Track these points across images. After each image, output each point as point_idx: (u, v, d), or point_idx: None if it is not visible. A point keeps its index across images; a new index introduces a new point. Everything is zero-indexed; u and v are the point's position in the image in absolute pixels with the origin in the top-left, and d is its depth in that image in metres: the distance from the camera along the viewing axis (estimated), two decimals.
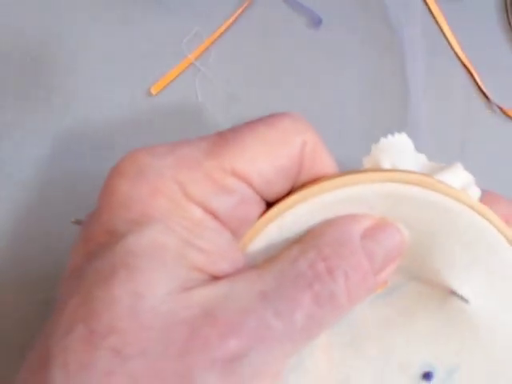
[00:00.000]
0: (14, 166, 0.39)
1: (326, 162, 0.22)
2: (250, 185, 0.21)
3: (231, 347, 0.18)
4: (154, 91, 0.40)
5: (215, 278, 0.20)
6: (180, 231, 0.20)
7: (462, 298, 0.21)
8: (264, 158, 0.21)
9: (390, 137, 0.23)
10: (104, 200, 0.20)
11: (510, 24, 0.42)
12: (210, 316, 0.19)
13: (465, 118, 0.41)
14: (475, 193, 0.22)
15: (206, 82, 0.40)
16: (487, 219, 0.21)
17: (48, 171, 0.39)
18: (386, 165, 0.22)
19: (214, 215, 0.20)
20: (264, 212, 0.22)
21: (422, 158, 0.23)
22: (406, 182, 0.21)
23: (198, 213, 0.20)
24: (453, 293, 0.21)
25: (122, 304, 0.18)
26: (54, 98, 0.39)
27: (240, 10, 0.41)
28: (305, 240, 0.21)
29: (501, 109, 0.41)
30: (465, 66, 0.41)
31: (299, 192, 0.22)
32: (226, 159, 0.20)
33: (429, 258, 0.22)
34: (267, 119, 0.21)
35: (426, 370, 0.22)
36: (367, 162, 0.23)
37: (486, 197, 0.22)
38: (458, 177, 0.22)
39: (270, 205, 0.22)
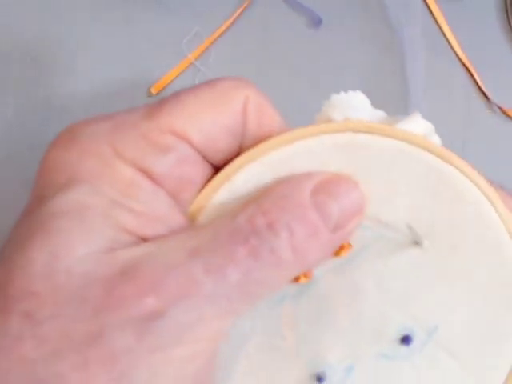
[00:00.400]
0: (14, 166, 0.39)
1: (273, 121, 0.21)
2: (190, 143, 0.20)
3: (149, 305, 0.17)
4: (154, 91, 0.40)
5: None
6: (108, 192, 0.19)
7: (420, 243, 0.20)
8: (203, 115, 0.20)
9: (342, 93, 0.22)
10: (38, 171, 0.20)
11: (510, 24, 0.42)
12: (129, 274, 0.17)
13: (465, 117, 0.41)
14: (436, 141, 0.21)
15: None
16: (449, 163, 0.20)
17: None
18: (338, 118, 0.21)
19: (149, 175, 0.19)
20: (212, 176, 0.21)
21: (379, 113, 0.22)
22: (357, 130, 0.20)
23: (129, 173, 0.19)
24: (417, 243, 0.20)
25: (36, 266, 0.17)
26: (54, 98, 0.39)
27: (240, 10, 0.41)
28: (250, 199, 0.20)
29: (501, 109, 0.41)
30: (465, 65, 0.41)
31: (246, 152, 0.20)
32: (162, 119, 0.20)
33: (393, 210, 0.20)
34: (207, 81, 0.21)
35: (404, 333, 0.20)
36: (318, 119, 0.22)
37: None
38: (418, 126, 0.21)
39: (218, 170, 0.21)
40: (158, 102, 0.20)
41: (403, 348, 0.20)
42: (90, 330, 0.17)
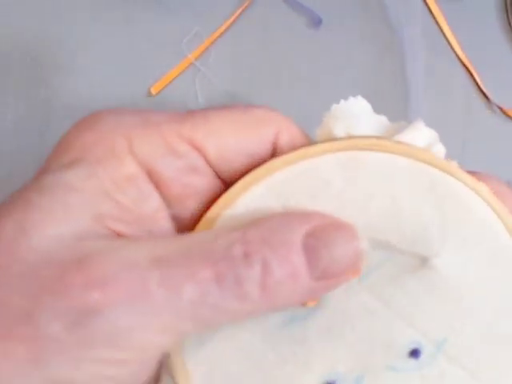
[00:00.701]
0: (14, 166, 0.39)
1: None
2: (205, 156, 0.20)
3: (91, 299, 0.17)
4: (153, 91, 0.40)
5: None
6: (105, 180, 0.19)
7: (429, 263, 0.20)
8: (225, 133, 0.20)
9: (342, 102, 0.21)
10: (53, 147, 0.20)
11: (510, 24, 0.42)
12: (85, 263, 0.17)
13: (465, 117, 0.41)
14: (440, 150, 0.21)
15: (206, 82, 0.40)
16: (453, 176, 0.20)
17: None
18: (340, 133, 0.21)
19: (153, 176, 0.20)
20: (219, 194, 0.20)
21: (382, 120, 0.21)
22: (360, 147, 0.20)
23: (133, 168, 0.19)
24: (426, 261, 0.20)
25: (5, 237, 0.18)
26: (53, 98, 0.39)
27: (240, 10, 0.41)
28: (238, 224, 0.19)
29: (501, 109, 0.41)
30: (465, 65, 0.41)
31: (251, 173, 0.20)
32: (185, 126, 0.20)
33: (400, 227, 0.20)
34: (242, 106, 0.21)
35: (412, 347, 0.20)
36: (320, 132, 0.21)
37: (476, 176, 0.21)
38: (421, 135, 0.21)
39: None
40: (186, 112, 0.20)
41: (412, 361, 0.20)
42: (26, 308, 0.17)
